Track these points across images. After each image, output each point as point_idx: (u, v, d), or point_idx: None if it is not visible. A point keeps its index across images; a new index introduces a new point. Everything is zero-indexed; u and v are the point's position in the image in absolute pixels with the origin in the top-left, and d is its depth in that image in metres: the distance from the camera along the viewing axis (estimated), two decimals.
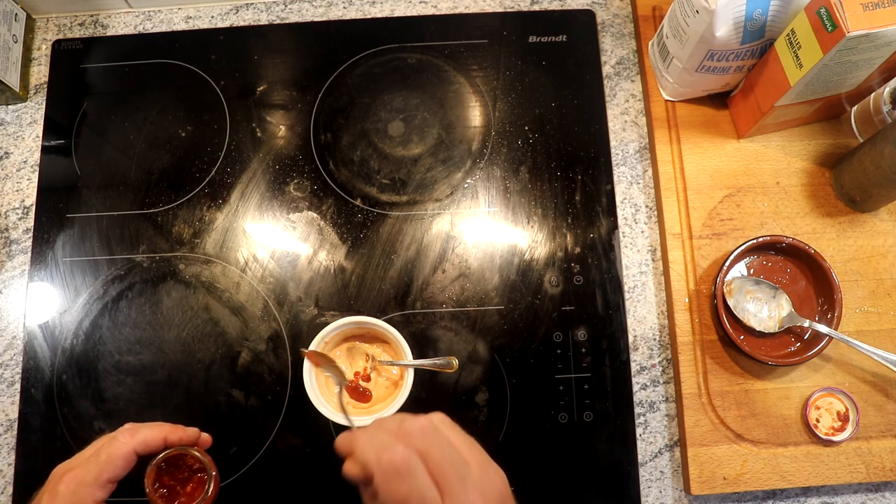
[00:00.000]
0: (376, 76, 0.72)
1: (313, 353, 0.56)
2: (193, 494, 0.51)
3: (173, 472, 0.52)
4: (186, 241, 0.67)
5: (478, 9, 0.75)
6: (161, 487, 0.51)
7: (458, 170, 0.69)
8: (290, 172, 0.69)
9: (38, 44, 0.74)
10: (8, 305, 0.66)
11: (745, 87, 0.66)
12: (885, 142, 0.59)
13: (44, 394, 0.63)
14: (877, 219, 0.67)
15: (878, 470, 0.60)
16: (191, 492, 0.52)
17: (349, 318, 0.58)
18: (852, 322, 0.64)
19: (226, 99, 0.71)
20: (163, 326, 0.65)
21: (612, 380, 0.63)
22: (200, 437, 0.53)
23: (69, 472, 0.45)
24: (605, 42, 0.74)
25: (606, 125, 0.70)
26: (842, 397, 0.61)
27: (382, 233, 0.67)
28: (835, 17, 0.51)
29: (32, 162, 0.70)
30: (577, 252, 0.66)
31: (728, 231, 0.66)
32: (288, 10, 0.75)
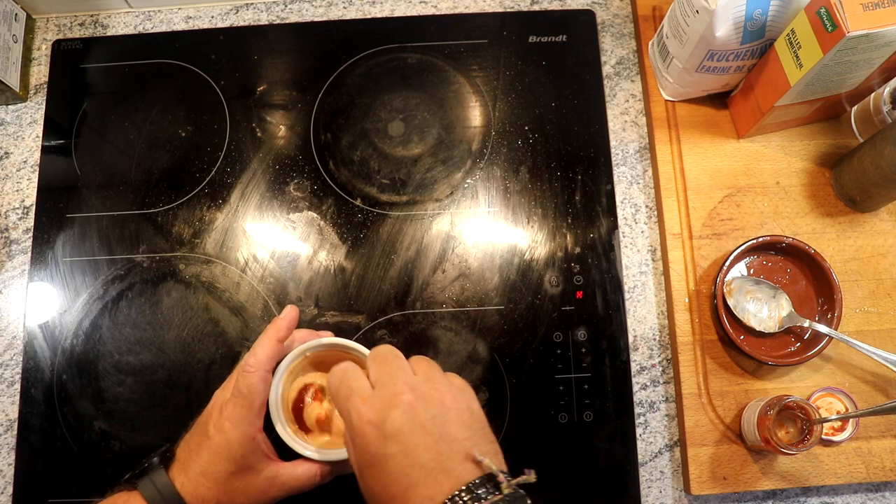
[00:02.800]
0: (376, 76, 0.72)
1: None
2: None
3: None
4: (186, 241, 0.67)
5: (478, 9, 0.75)
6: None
7: (458, 170, 0.69)
8: (290, 172, 0.69)
9: (38, 44, 0.74)
10: (8, 305, 0.66)
11: (745, 87, 0.66)
12: (885, 142, 0.59)
13: (44, 394, 0.63)
14: (877, 219, 0.67)
15: (877, 470, 0.60)
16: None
17: (322, 340, 0.54)
18: (852, 322, 0.64)
19: (226, 99, 0.71)
20: (163, 326, 0.65)
21: (612, 380, 0.63)
22: (296, 312, 0.54)
23: (224, 409, 0.48)
24: (605, 42, 0.74)
25: (606, 125, 0.70)
26: (842, 397, 0.61)
27: (382, 233, 0.67)
28: (835, 17, 0.51)
29: (32, 162, 0.70)
30: (577, 252, 0.66)
31: (728, 231, 0.66)
32: (288, 10, 0.75)
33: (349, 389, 0.43)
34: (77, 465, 0.61)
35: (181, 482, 0.47)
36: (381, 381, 0.43)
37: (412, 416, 0.41)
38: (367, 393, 0.43)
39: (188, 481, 0.47)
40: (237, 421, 0.47)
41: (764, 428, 0.56)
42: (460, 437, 0.41)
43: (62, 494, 0.61)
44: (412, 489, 0.39)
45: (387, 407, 0.41)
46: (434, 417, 0.41)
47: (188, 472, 0.47)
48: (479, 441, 0.42)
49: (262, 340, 0.50)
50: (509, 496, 0.38)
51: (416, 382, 0.43)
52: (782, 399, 0.56)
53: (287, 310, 0.53)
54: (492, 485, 0.38)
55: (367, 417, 0.41)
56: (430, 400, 0.42)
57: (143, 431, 0.62)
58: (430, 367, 0.46)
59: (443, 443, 0.40)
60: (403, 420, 0.40)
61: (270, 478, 0.48)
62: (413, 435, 0.40)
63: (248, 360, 0.49)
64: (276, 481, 0.49)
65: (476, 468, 0.40)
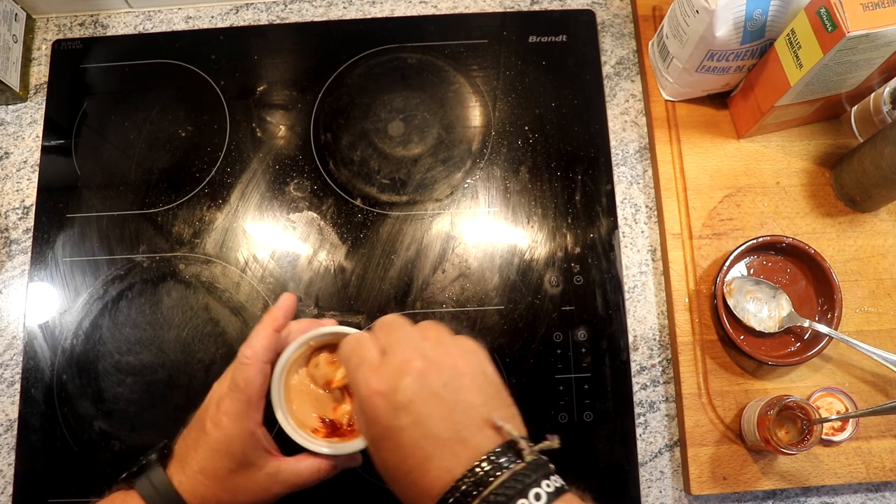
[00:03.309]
0: (376, 76, 0.72)
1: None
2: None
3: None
4: (186, 241, 0.67)
5: (478, 9, 0.75)
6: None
7: (458, 170, 0.69)
8: (290, 172, 0.69)
9: (38, 44, 0.74)
10: (8, 305, 0.66)
11: (745, 87, 0.66)
12: (885, 142, 0.59)
13: (44, 394, 0.63)
14: (877, 219, 0.67)
15: (877, 470, 0.60)
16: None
17: (325, 329, 0.50)
18: (852, 322, 0.64)
19: (226, 99, 0.71)
20: (163, 326, 0.65)
21: (612, 380, 0.63)
22: (293, 300, 0.50)
23: (221, 403, 0.46)
24: (605, 42, 0.74)
25: (606, 125, 0.70)
26: (842, 397, 0.61)
27: (382, 233, 0.67)
28: (835, 17, 0.51)
29: (32, 162, 0.70)
30: (577, 252, 0.66)
31: (728, 231, 0.66)
32: (288, 10, 0.75)
33: (359, 359, 0.42)
34: (77, 465, 0.61)
35: (179, 480, 0.45)
36: (389, 349, 0.41)
37: (424, 384, 0.38)
38: (377, 362, 0.41)
39: (186, 479, 0.45)
40: (235, 416, 0.45)
41: (764, 428, 0.56)
42: (476, 403, 0.39)
43: (62, 494, 0.61)
44: (428, 462, 0.37)
45: (396, 376, 0.39)
46: (447, 384, 0.39)
47: (186, 470, 0.45)
48: (495, 406, 0.40)
49: (258, 330, 0.47)
50: (532, 464, 0.36)
51: (427, 348, 0.41)
52: (782, 399, 0.56)
53: (283, 298, 0.50)
54: (513, 452, 0.36)
55: (376, 388, 0.39)
56: (443, 365, 0.40)
57: (143, 431, 0.62)
58: (440, 330, 0.43)
59: (458, 411, 0.38)
60: (414, 389, 0.38)
61: (272, 474, 0.46)
62: (425, 404, 0.38)
63: (243, 351, 0.46)
64: (279, 477, 0.47)
65: (495, 435, 0.37)
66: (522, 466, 0.36)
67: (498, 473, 0.35)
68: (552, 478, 0.36)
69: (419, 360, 0.39)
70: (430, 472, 0.37)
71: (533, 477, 0.35)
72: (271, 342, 0.47)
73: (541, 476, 0.36)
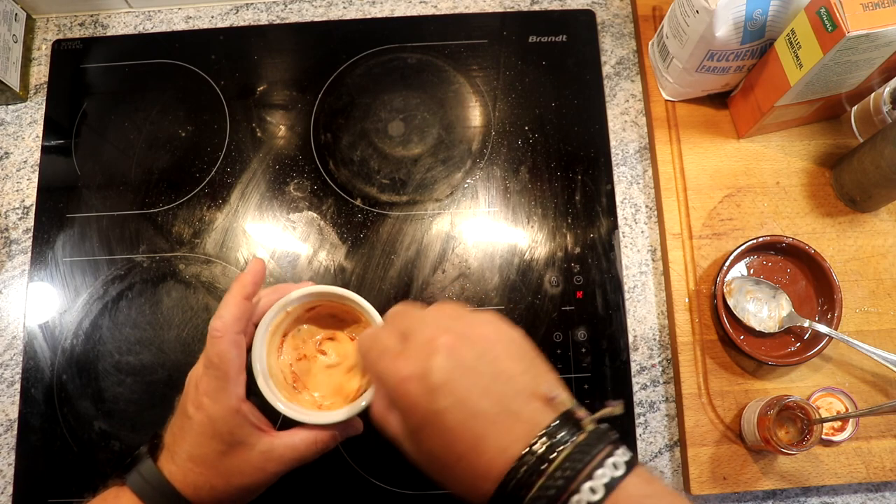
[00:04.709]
0: (376, 76, 0.72)
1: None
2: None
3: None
4: (186, 241, 0.67)
5: (478, 9, 0.75)
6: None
7: (458, 170, 0.69)
8: (290, 172, 0.69)
9: (38, 44, 0.74)
10: (8, 305, 0.66)
11: (745, 87, 0.66)
12: (885, 142, 0.59)
13: (44, 394, 0.63)
14: (877, 219, 0.67)
15: (877, 470, 0.60)
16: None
17: (305, 290, 0.46)
18: (852, 322, 0.64)
19: (226, 99, 0.71)
20: (163, 326, 0.65)
21: (612, 380, 0.63)
22: (261, 264, 0.46)
23: (199, 384, 0.43)
24: (605, 42, 0.74)
25: (606, 125, 0.70)
26: (842, 397, 0.61)
27: (382, 233, 0.67)
28: (835, 17, 0.51)
29: (32, 162, 0.70)
30: (577, 252, 0.66)
31: (728, 231, 0.66)
32: (288, 10, 0.75)
33: (379, 350, 0.38)
34: (77, 465, 0.61)
35: (170, 470, 0.43)
36: (409, 333, 0.38)
37: (456, 359, 0.35)
38: (399, 348, 0.37)
39: (177, 468, 0.42)
40: (215, 394, 0.42)
41: (764, 428, 0.56)
42: (517, 373, 0.35)
43: (62, 494, 0.61)
44: (481, 442, 0.33)
45: (425, 356, 0.35)
46: (482, 355, 0.35)
47: (176, 459, 0.43)
48: (538, 373, 0.36)
49: (226, 300, 0.44)
50: (594, 434, 0.33)
51: (449, 323, 0.38)
52: (782, 399, 0.56)
53: (252, 262, 0.46)
54: (572, 423, 0.33)
55: (405, 373, 0.35)
56: (471, 337, 0.36)
57: (143, 431, 0.62)
58: (456, 306, 0.40)
59: (500, 382, 0.35)
60: (448, 366, 0.35)
61: (265, 451, 0.43)
62: (464, 380, 0.35)
63: (213, 324, 0.43)
64: (273, 454, 0.43)
65: (547, 406, 0.34)
66: (583, 438, 0.33)
67: (560, 448, 0.32)
68: (619, 451, 0.33)
69: (445, 336, 0.36)
70: (486, 454, 0.33)
71: (598, 447, 0.32)
72: (241, 311, 0.44)
73: (606, 447, 0.33)
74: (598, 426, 0.34)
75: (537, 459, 0.32)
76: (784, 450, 0.55)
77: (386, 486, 0.60)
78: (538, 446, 0.32)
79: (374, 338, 0.40)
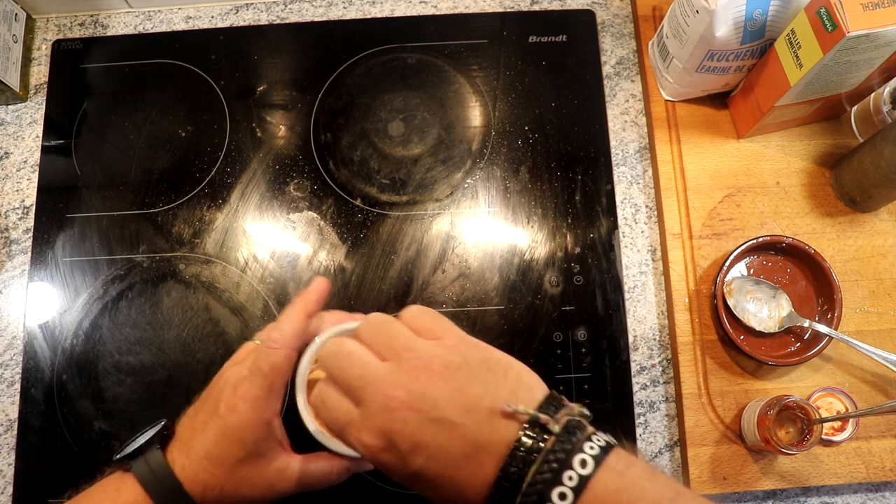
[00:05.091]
0: (376, 76, 0.72)
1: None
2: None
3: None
4: (186, 241, 0.67)
5: (478, 9, 0.75)
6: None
7: (458, 170, 0.69)
8: (290, 172, 0.69)
9: (38, 44, 0.74)
10: (8, 305, 0.66)
11: (745, 87, 0.66)
12: (885, 142, 0.59)
13: (44, 394, 0.63)
14: (877, 219, 0.67)
15: (877, 470, 0.60)
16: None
17: (342, 327, 0.46)
18: (852, 322, 0.64)
19: (226, 99, 0.71)
20: (163, 326, 0.65)
21: (612, 380, 0.63)
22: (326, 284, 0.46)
23: (239, 386, 0.42)
24: (605, 42, 0.74)
25: (606, 125, 0.70)
26: (842, 397, 0.61)
27: (382, 233, 0.67)
28: (835, 17, 0.51)
29: (32, 162, 0.70)
30: (577, 252, 0.66)
31: (728, 231, 0.66)
32: (288, 10, 0.75)
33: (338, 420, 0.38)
34: (77, 466, 0.61)
35: (181, 464, 0.42)
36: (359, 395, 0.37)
37: (418, 417, 0.35)
38: (356, 416, 0.37)
39: (190, 464, 0.42)
40: (253, 402, 0.42)
41: (764, 428, 0.56)
42: (475, 397, 0.36)
43: (62, 494, 0.61)
44: (460, 485, 0.35)
45: (386, 425, 0.36)
46: (437, 402, 0.35)
47: (191, 454, 0.42)
48: (495, 386, 0.36)
49: (288, 314, 0.44)
50: (561, 437, 0.33)
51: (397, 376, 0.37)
52: (782, 399, 0.56)
53: (316, 282, 0.46)
54: (539, 429, 0.34)
55: (374, 446, 0.36)
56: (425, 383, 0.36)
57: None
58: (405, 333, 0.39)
59: (463, 417, 0.35)
60: (411, 429, 0.35)
61: (280, 469, 0.43)
62: (429, 435, 0.35)
63: (272, 335, 0.43)
64: (286, 474, 0.44)
65: (510, 423, 0.35)
66: (552, 443, 0.33)
67: (531, 458, 0.33)
68: (594, 438, 0.34)
69: (399, 393, 0.36)
70: (468, 491, 0.35)
71: (572, 443, 0.33)
72: (301, 328, 0.44)
73: (581, 440, 0.33)
74: (569, 420, 0.34)
75: (511, 482, 0.33)
76: (784, 450, 0.55)
77: (386, 486, 0.60)
78: (512, 466, 0.33)
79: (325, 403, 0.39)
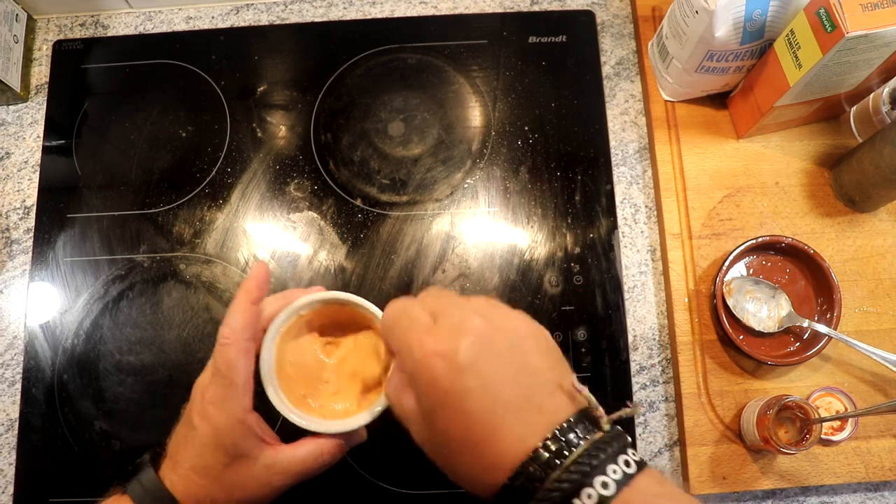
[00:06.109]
0: (376, 76, 0.72)
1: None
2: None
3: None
4: (187, 241, 0.67)
5: (478, 9, 0.75)
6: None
7: (458, 170, 0.69)
8: (290, 172, 0.69)
9: (38, 44, 0.74)
10: (9, 305, 0.66)
11: (745, 88, 0.66)
12: (884, 142, 0.59)
13: (45, 393, 0.63)
14: (876, 219, 0.67)
15: (877, 469, 0.60)
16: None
17: (318, 296, 0.45)
18: (851, 322, 0.64)
19: (226, 99, 0.71)
20: (163, 326, 0.65)
21: (611, 379, 0.63)
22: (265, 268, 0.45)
23: (205, 392, 0.42)
24: (605, 42, 0.74)
25: (606, 125, 0.70)
26: (841, 397, 0.62)
27: (382, 233, 0.67)
28: (834, 17, 0.51)
29: (33, 162, 0.70)
30: (577, 252, 0.66)
31: (727, 231, 0.66)
32: (288, 10, 0.75)
33: (409, 321, 0.37)
34: (78, 465, 0.61)
35: (171, 480, 0.42)
36: (443, 311, 0.37)
37: (486, 344, 0.35)
38: (430, 324, 0.37)
39: (179, 479, 0.42)
40: (221, 403, 0.41)
41: (763, 427, 0.56)
42: (543, 367, 0.35)
43: (63, 494, 0.61)
44: (499, 431, 0.33)
45: (457, 335, 0.35)
46: (511, 346, 0.35)
47: (178, 469, 0.42)
48: (563, 371, 0.36)
49: (232, 307, 0.43)
50: (610, 434, 0.33)
51: (483, 310, 0.37)
52: (781, 399, 0.56)
53: (255, 267, 0.45)
54: (589, 421, 0.33)
55: (434, 348, 0.35)
56: (504, 327, 0.36)
57: (144, 431, 0.62)
58: (489, 298, 0.39)
59: (526, 374, 0.34)
60: (478, 349, 0.34)
61: (268, 465, 0.42)
62: (491, 366, 0.34)
63: (221, 331, 0.42)
64: (276, 468, 0.42)
65: (569, 402, 0.34)
66: (601, 436, 0.32)
67: (576, 444, 0.32)
68: (630, 451, 0.33)
69: (478, 320, 0.36)
70: (502, 441, 0.33)
71: (613, 448, 0.32)
72: (249, 317, 0.43)
73: (620, 448, 0.33)
74: (615, 427, 0.34)
75: (553, 453, 0.32)
76: (783, 449, 0.55)
77: (386, 486, 0.60)
78: (555, 441, 0.32)
79: (405, 310, 0.39)
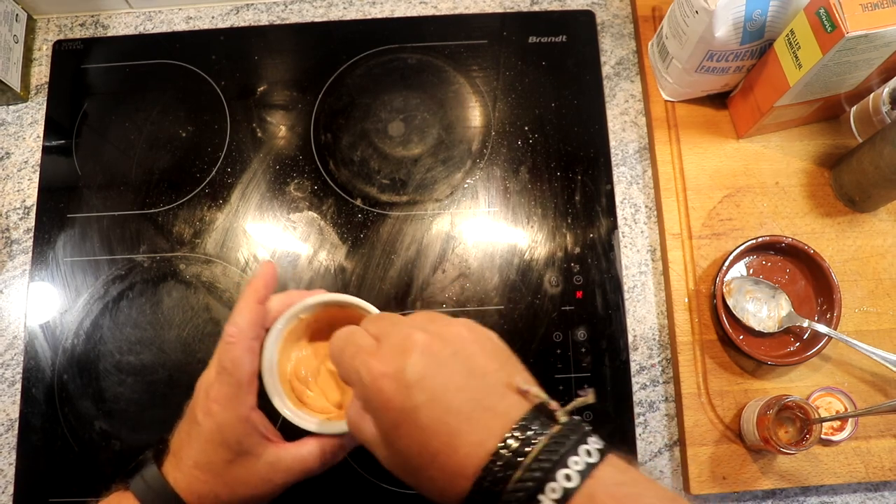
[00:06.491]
0: (376, 76, 0.72)
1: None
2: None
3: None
4: (187, 240, 0.67)
5: (478, 9, 0.75)
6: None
7: (458, 170, 0.69)
8: (290, 172, 0.69)
9: (38, 44, 0.74)
10: (9, 305, 0.66)
11: (745, 88, 0.66)
12: (884, 142, 0.59)
13: (45, 393, 0.63)
14: (876, 219, 0.67)
15: (876, 469, 0.60)
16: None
17: (318, 298, 0.46)
18: (851, 322, 0.64)
19: (226, 99, 0.71)
20: (163, 326, 0.65)
21: (611, 380, 0.63)
22: (272, 267, 0.46)
23: (210, 390, 0.42)
24: (605, 42, 0.74)
25: (606, 125, 0.70)
26: (841, 397, 0.62)
27: (382, 233, 0.67)
28: (834, 17, 0.51)
29: (33, 162, 0.70)
30: (577, 252, 0.66)
31: (727, 231, 0.66)
32: (288, 10, 0.75)
33: (354, 347, 0.38)
34: (78, 465, 0.61)
35: (175, 477, 0.42)
36: (385, 333, 0.38)
37: (431, 356, 0.35)
38: (374, 347, 0.37)
39: (182, 476, 0.42)
40: (225, 401, 0.41)
41: (763, 427, 0.56)
42: (491, 370, 0.35)
43: (63, 494, 0.61)
44: (456, 439, 0.33)
45: (400, 354, 0.35)
46: (456, 353, 0.35)
47: (181, 466, 0.42)
48: (512, 370, 0.36)
49: (239, 306, 0.43)
50: (567, 426, 0.33)
51: (424, 324, 0.38)
52: (781, 399, 0.56)
53: (262, 266, 0.45)
54: (545, 415, 0.34)
55: (381, 370, 0.35)
56: (446, 336, 0.36)
57: (144, 431, 0.62)
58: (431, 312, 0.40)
59: (474, 378, 0.35)
60: (423, 363, 0.35)
61: (271, 462, 0.43)
62: (439, 377, 0.34)
63: (227, 329, 0.42)
64: (279, 465, 0.43)
65: (522, 400, 0.34)
66: (559, 429, 0.33)
67: (535, 440, 0.32)
68: (591, 439, 0.33)
69: (420, 334, 0.36)
70: (460, 450, 0.33)
71: (572, 439, 0.32)
72: (255, 316, 0.44)
73: (579, 438, 0.33)
74: (572, 418, 0.34)
75: (513, 453, 0.32)
76: (783, 449, 0.55)
77: (386, 486, 0.60)
78: (513, 440, 0.32)
79: (349, 337, 0.39)
